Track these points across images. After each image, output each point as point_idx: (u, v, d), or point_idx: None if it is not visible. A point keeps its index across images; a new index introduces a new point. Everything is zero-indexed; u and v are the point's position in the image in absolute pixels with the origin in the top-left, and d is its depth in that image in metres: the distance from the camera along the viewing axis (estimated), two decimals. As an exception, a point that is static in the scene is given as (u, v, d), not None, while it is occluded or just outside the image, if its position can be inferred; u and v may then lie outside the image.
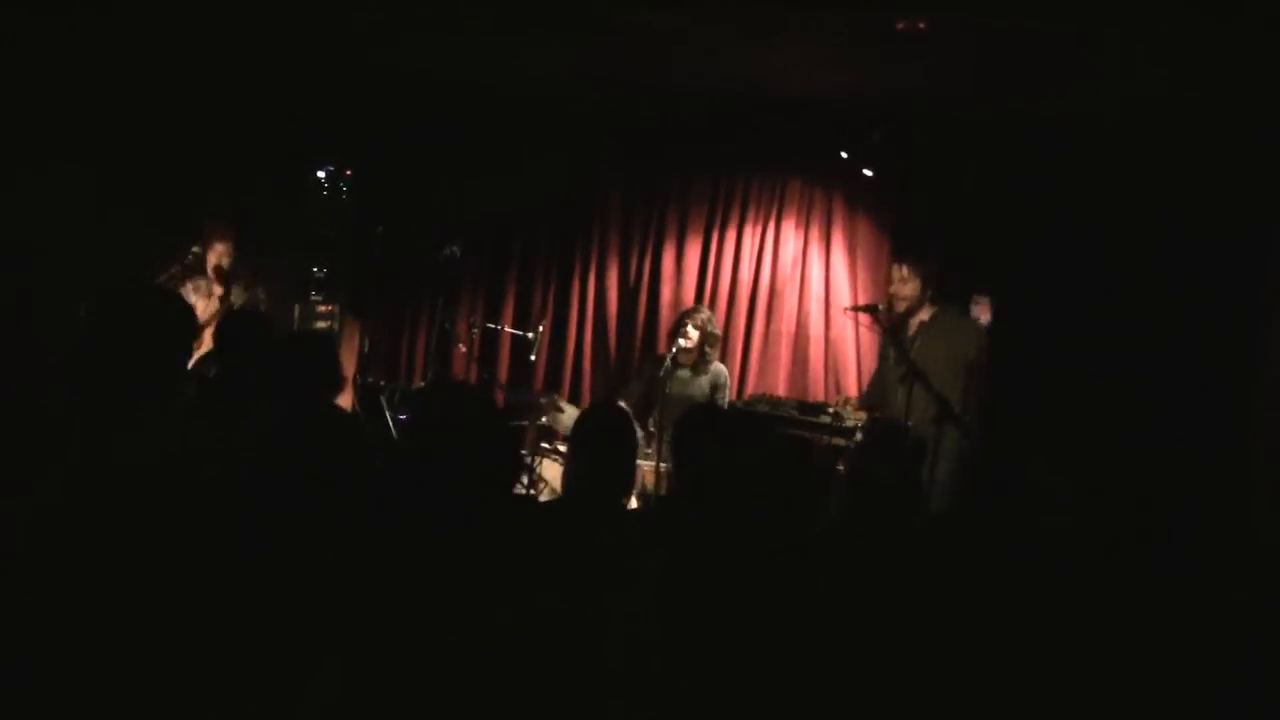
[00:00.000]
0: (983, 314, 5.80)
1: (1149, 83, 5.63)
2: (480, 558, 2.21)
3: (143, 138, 6.48)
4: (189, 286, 5.98)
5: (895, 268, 5.78)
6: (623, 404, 6.09)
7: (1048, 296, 6.36)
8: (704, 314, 6.39)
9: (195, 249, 6.08)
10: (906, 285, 5.66)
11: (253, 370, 3.50)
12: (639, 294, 7.34)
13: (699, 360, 6.31)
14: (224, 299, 5.95)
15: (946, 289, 5.81)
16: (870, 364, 6.60)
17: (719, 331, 6.63)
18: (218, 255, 6.07)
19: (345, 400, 6.43)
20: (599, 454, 3.16)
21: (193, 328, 2.72)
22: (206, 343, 4.80)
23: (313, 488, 2.20)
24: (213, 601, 2.01)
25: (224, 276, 6.06)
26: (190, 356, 2.76)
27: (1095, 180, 6.33)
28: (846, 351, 7.03)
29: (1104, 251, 6.31)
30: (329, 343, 4.37)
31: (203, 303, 5.87)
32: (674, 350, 6.17)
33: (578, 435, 3.28)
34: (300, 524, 2.14)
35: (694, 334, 6.21)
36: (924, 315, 5.67)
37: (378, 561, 2.14)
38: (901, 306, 5.68)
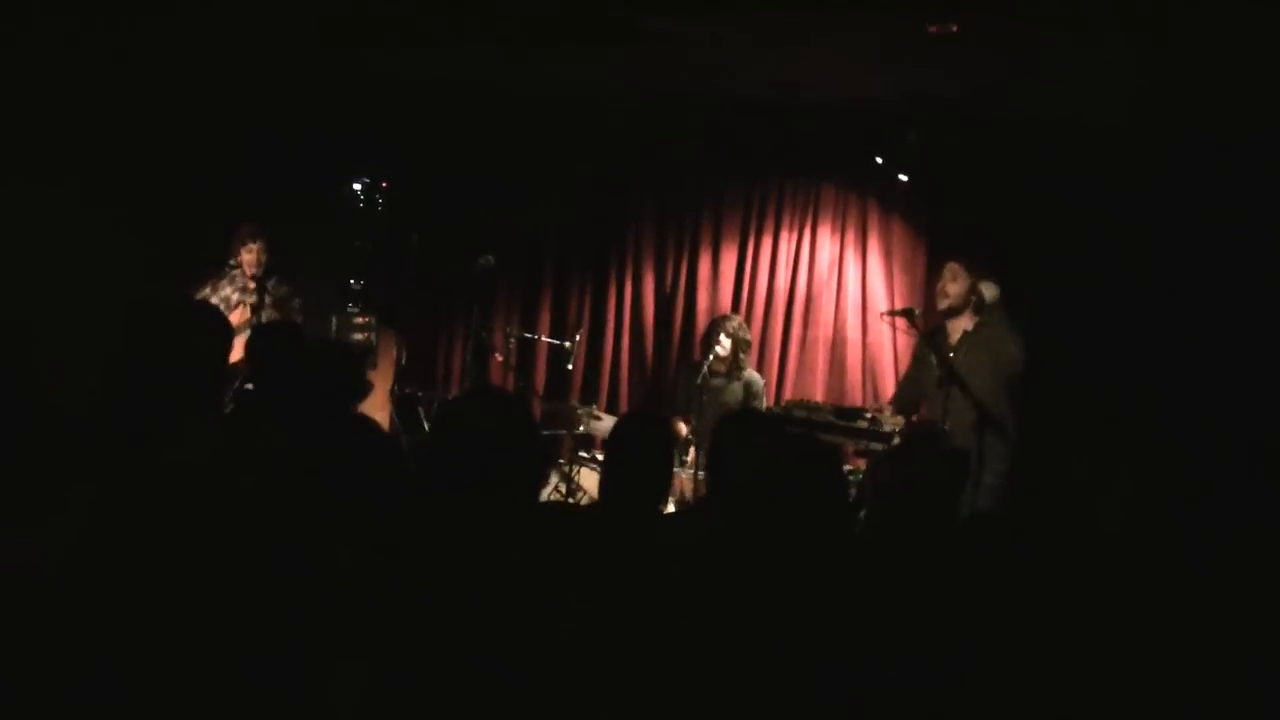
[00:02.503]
0: (987, 291, 5.62)
1: (1182, 86, 5.58)
2: (514, 561, 2.21)
3: (173, 151, 6.55)
4: (223, 293, 6.03)
5: (949, 265, 5.69)
6: (681, 424, 6.13)
7: (1083, 299, 6.30)
8: (735, 321, 6.39)
9: (231, 262, 6.13)
10: (955, 283, 5.55)
11: (281, 381, 3.53)
12: (675, 301, 7.35)
13: (733, 367, 6.30)
14: (257, 305, 5.97)
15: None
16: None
17: (750, 337, 6.62)
18: (252, 254, 6.09)
19: (383, 411, 6.46)
20: (636, 459, 3.16)
21: (229, 338, 2.73)
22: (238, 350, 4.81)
23: (340, 495, 2.21)
24: (250, 611, 2.02)
25: (257, 280, 6.08)
26: (225, 367, 2.78)
27: (1127, 183, 6.27)
28: (883, 357, 6.99)
29: (1136, 253, 6.25)
30: (349, 350, 4.39)
31: (238, 311, 5.93)
32: (709, 359, 6.17)
33: (614, 441, 3.29)
34: (331, 531, 2.15)
35: (727, 342, 6.21)
36: (966, 323, 5.57)
37: (408, 566, 2.15)
38: (943, 305, 5.58)
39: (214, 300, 5.94)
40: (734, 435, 3.21)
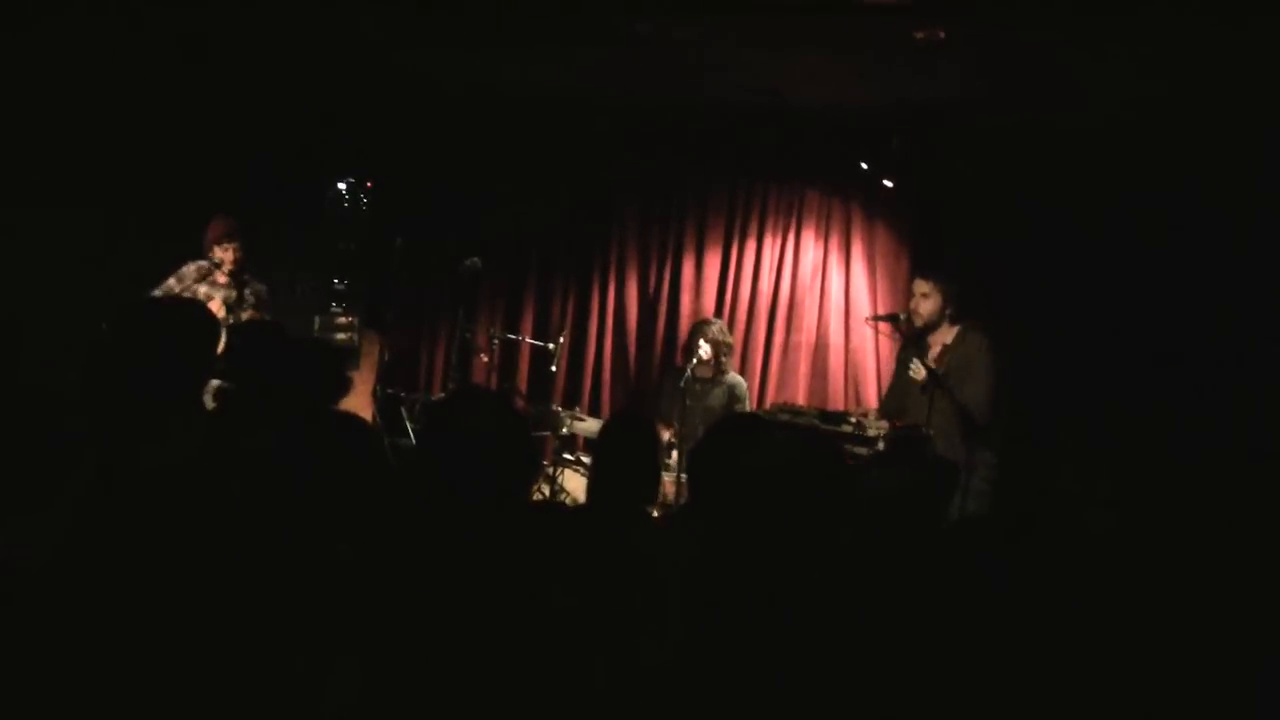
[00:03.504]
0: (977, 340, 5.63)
1: (1163, 91, 5.60)
2: (501, 561, 2.21)
3: (156, 150, 6.51)
4: (198, 289, 5.96)
5: (916, 282, 5.70)
6: (663, 428, 6.11)
7: (1063, 304, 6.32)
8: (715, 326, 6.40)
9: (213, 258, 6.08)
10: (927, 301, 5.55)
11: (258, 379, 3.51)
12: (659, 305, 7.35)
13: (715, 372, 6.32)
14: (236, 303, 5.92)
15: (967, 307, 5.70)
16: (890, 374, 6.54)
17: (731, 341, 6.62)
18: (229, 253, 6.02)
19: (365, 412, 6.44)
20: (624, 461, 3.16)
21: (216, 335, 2.72)
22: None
23: (325, 493, 2.20)
24: (237, 609, 2.01)
25: (234, 277, 6.03)
26: (212, 364, 2.77)
27: (1114, 188, 6.28)
28: (866, 361, 7.00)
29: (1118, 258, 6.27)
30: (328, 346, 4.37)
31: (214, 305, 5.87)
32: (691, 363, 6.18)
33: (603, 442, 3.29)
34: (318, 529, 2.15)
35: (707, 347, 6.22)
36: (946, 336, 5.58)
37: (395, 564, 2.14)
38: (919, 322, 5.58)
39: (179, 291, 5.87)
40: (736, 436, 3.21)
